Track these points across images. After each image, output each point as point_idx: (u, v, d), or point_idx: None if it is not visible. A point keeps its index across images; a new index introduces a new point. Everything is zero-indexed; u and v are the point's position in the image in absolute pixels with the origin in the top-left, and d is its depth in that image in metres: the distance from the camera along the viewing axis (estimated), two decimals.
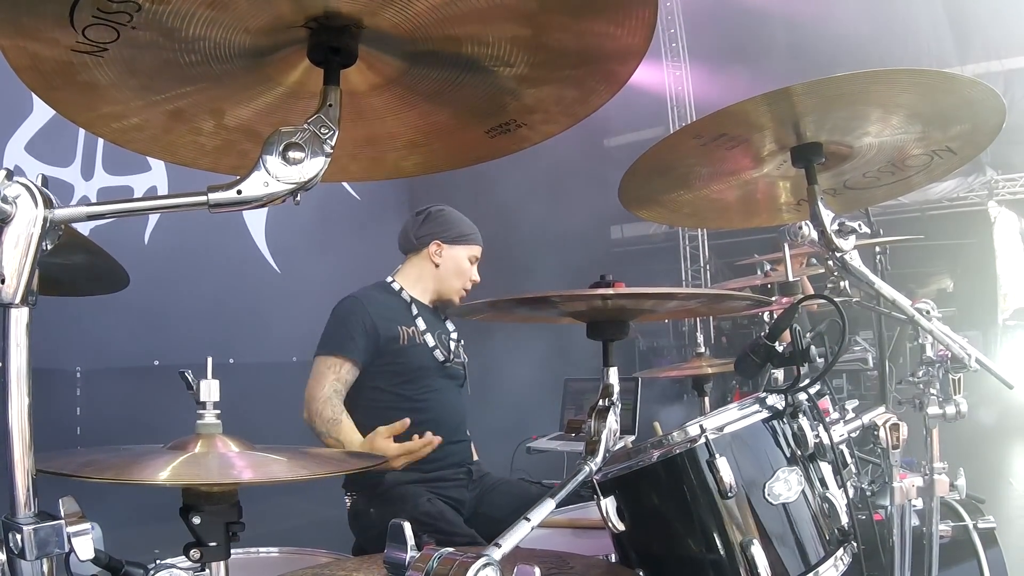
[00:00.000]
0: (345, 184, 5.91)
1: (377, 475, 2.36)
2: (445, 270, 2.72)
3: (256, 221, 5.50)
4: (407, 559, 0.88)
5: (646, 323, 9.58)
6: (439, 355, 2.60)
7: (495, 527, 2.38)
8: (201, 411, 1.14)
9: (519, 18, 0.96)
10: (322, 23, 0.98)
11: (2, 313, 0.79)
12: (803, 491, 1.37)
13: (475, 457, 2.75)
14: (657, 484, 1.37)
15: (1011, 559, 1.95)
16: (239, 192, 0.91)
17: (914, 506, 1.60)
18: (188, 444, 1.10)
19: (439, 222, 2.74)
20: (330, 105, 0.98)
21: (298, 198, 0.95)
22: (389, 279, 2.74)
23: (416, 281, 2.72)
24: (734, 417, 1.39)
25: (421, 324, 2.62)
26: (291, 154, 0.93)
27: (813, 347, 1.46)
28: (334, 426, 2.32)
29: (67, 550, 0.80)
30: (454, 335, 2.75)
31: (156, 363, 4.65)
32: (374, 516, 2.31)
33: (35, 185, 0.81)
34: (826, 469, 1.44)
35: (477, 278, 2.77)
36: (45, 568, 0.79)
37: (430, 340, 2.61)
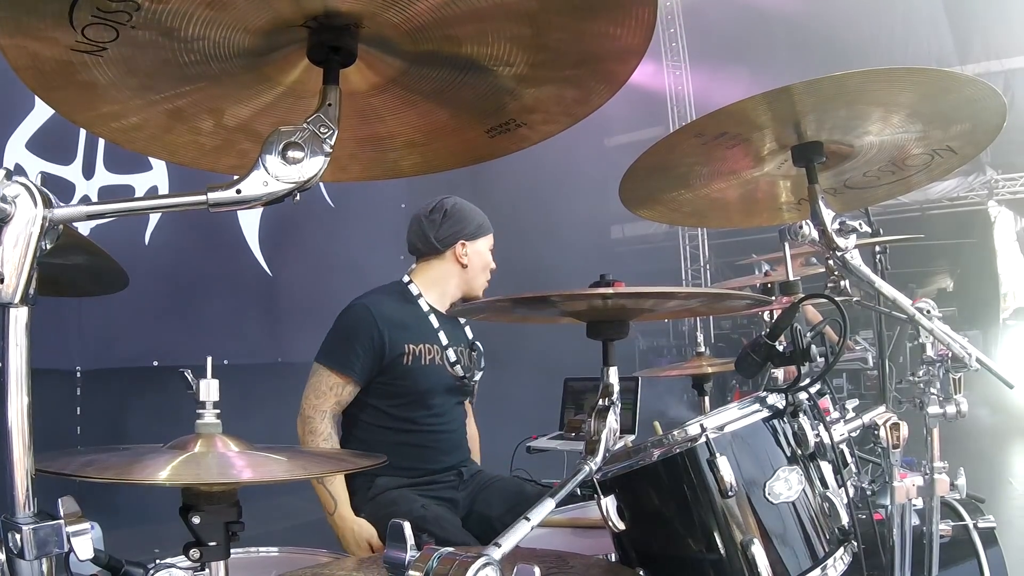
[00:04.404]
0: (322, 189, 5.91)
1: (367, 479, 2.32)
2: (474, 269, 2.52)
3: (249, 223, 5.51)
4: (407, 559, 0.88)
5: (646, 323, 9.59)
6: (459, 371, 2.44)
7: (490, 526, 2.39)
8: (201, 411, 1.13)
9: (519, 18, 0.96)
10: (322, 22, 0.98)
11: (1, 313, 0.79)
12: (803, 490, 1.37)
13: (476, 462, 2.67)
14: (657, 483, 1.37)
15: (1011, 559, 1.95)
16: (238, 192, 0.91)
17: (914, 505, 1.60)
18: (188, 444, 1.10)
19: (459, 219, 2.51)
20: (329, 104, 0.98)
21: (297, 197, 0.95)
22: (406, 280, 2.52)
23: (435, 285, 2.51)
24: (734, 416, 1.39)
25: (443, 337, 2.43)
26: (290, 153, 0.93)
27: (813, 346, 1.46)
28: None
29: (66, 550, 0.80)
30: (474, 340, 2.58)
31: (155, 363, 4.64)
32: (367, 519, 2.24)
33: (34, 185, 0.81)
34: (826, 468, 1.43)
35: (494, 266, 2.59)
36: (44, 568, 0.79)
37: (451, 356, 2.44)
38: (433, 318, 2.46)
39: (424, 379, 2.38)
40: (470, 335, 2.60)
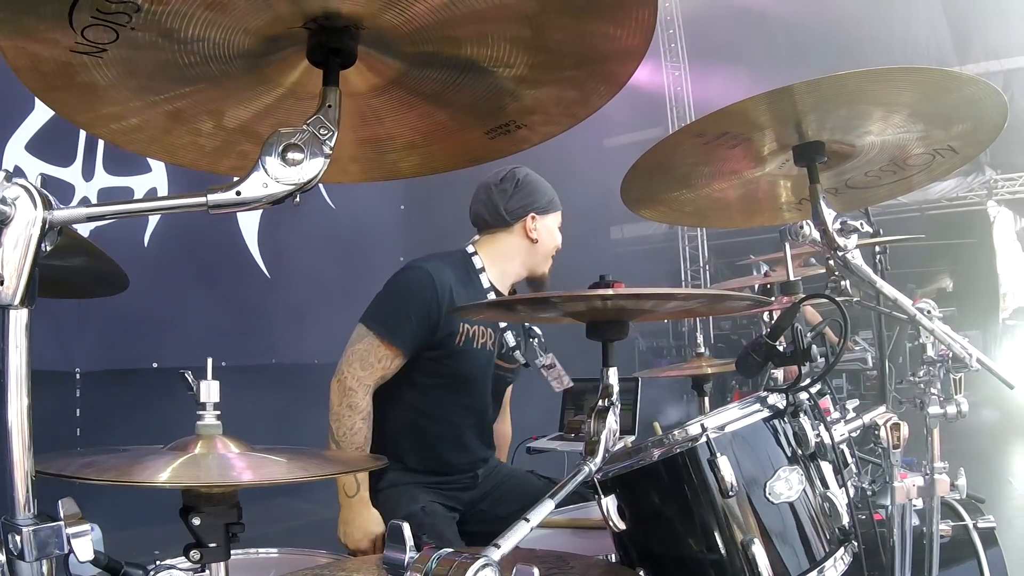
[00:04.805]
0: (322, 190, 5.92)
1: (376, 472, 2.21)
2: (543, 245, 2.34)
3: (248, 225, 5.51)
4: (406, 559, 0.88)
5: (646, 323, 9.59)
6: (519, 356, 2.29)
7: (498, 524, 2.33)
8: (201, 412, 1.13)
9: (519, 19, 0.96)
10: (321, 24, 0.97)
11: (2, 314, 0.79)
12: (804, 490, 1.37)
13: (503, 458, 2.58)
14: (658, 483, 1.37)
15: (1011, 559, 1.95)
16: (238, 193, 0.91)
17: (914, 506, 1.60)
18: (188, 445, 1.10)
19: (530, 190, 2.34)
20: (329, 106, 0.98)
21: (297, 199, 0.95)
22: (471, 250, 2.32)
23: (499, 260, 2.33)
24: (735, 416, 1.39)
25: (501, 321, 2.25)
26: (290, 155, 0.93)
27: (814, 347, 1.46)
28: (354, 448, 2.06)
29: (66, 551, 0.80)
30: (534, 327, 2.40)
31: (155, 365, 4.64)
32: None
33: (34, 187, 0.81)
34: (827, 468, 1.43)
35: (561, 246, 2.42)
36: (44, 569, 0.79)
37: (511, 339, 2.28)
38: (492, 296, 2.29)
39: (471, 363, 2.24)
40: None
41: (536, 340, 2.41)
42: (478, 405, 2.33)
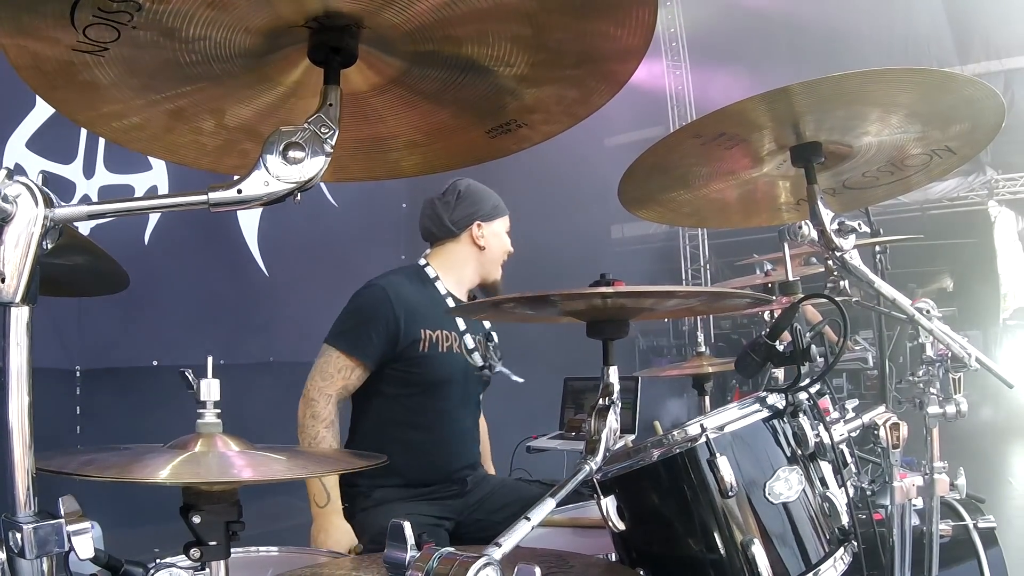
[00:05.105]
0: (324, 189, 5.91)
1: (367, 488, 2.25)
2: (491, 251, 2.44)
3: (249, 223, 5.51)
4: (407, 559, 0.88)
5: (646, 322, 9.58)
6: (477, 359, 2.37)
7: (493, 530, 2.33)
8: (201, 410, 1.13)
9: (519, 18, 0.96)
10: (322, 23, 0.98)
11: (2, 312, 0.79)
12: (803, 490, 1.37)
13: (491, 470, 2.61)
14: (657, 483, 1.37)
15: (1011, 559, 1.95)
16: (240, 191, 0.92)
17: (914, 505, 1.60)
18: (188, 443, 1.10)
19: (473, 200, 2.44)
20: (330, 105, 0.98)
21: (298, 197, 0.95)
22: (423, 263, 2.43)
23: (453, 269, 2.43)
24: (734, 416, 1.39)
25: (461, 323, 2.35)
26: (291, 153, 0.93)
27: (813, 346, 1.46)
28: (323, 446, 2.14)
29: (67, 549, 0.80)
30: (492, 333, 2.48)
31: (155, 363, 4.64)
32: (356, 528, 2.15)
33: (35, 184, 0.82)
34: (826, 468, 1.44)
35: (512, 249, 2.51)
36: (45, 567, 0.79)
37: (469, 342, 2.35)
38: (451, 302, 2.36)
39: (441, 367, 2.30)
40: (487, 325, 2.50)
41: (493, 344, 2.49)
42: (456, 407, 2.37)
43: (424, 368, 2.28)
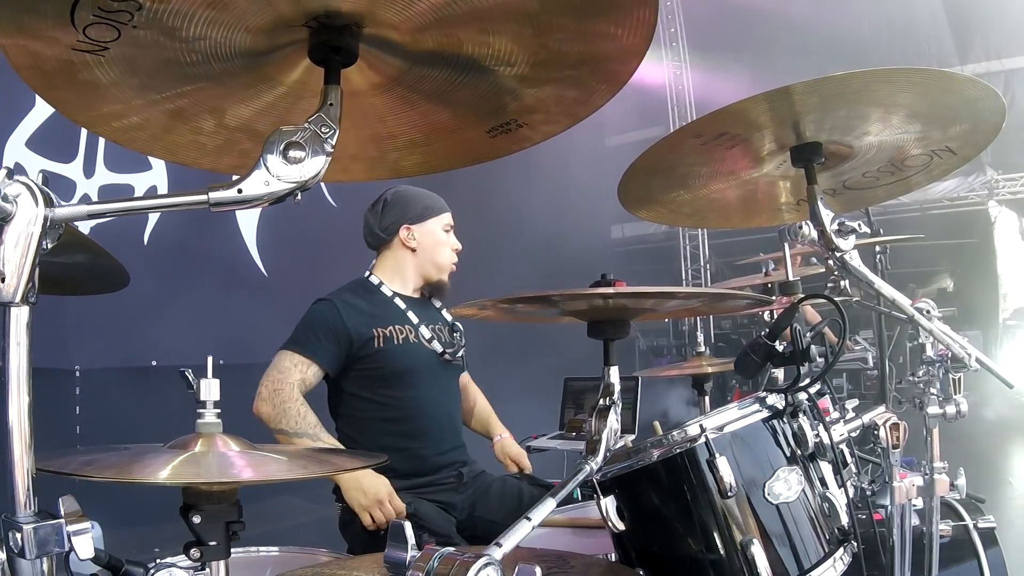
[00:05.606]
0: (324, 189, 5.91)
1: None
2: (424, 251, 2.57)
3: (248, 223, 5.51)
4: (407, 559, 0.88)
5: (646, 322, 9.59)
6: (436, 347, 2.47)
7: (492, 529, 2.38)
8: (201, 410, 1.13)
9: (520, 18, 0.96)
10: (323, 22, 0.98)
11: (2, 312, 0.79)
12: (803, 491, 1.37)
13: (503, 432, 2.72)
14: (657, 483, 1.37)
15: (1011, 559, 1.95)
16: (240, 191, 0.91)
17: (914, 506, 1.60)
18: (188, 443, 1.10)
19: (400, 206, 2.58)
20: (331, 104, 0.98)
21: (298, 197, 0.95)
22: (367, 273, 2.60)
23: (395, 273, 2.57)
24: (734, 416, 1.39)
25: (413, 317, 2.48)
26: (292, 153, 0.93)
27: (813, 346, 1.46)
28: (315, 427, 2.23)
29: (67, 549, 0.80)
30: (453, 321, 2.62)
31: (154, 363, 4.64)
32: (359, 524, 2.18)
33: (36, 184, 0.82)
34: (826, 468, 1.44)
35: (459, 245, 2.62)
36: (45, 567, 0.79)
37: (426, 332, 2.47)
38: (399, 301, 2.50)
39: (402, 357, 2.41)
40: (448, 317, 2.63)
41: (459, 334, 2.62)
42: (428, 394, 2.46)
43: (384, 362, 2.39)
